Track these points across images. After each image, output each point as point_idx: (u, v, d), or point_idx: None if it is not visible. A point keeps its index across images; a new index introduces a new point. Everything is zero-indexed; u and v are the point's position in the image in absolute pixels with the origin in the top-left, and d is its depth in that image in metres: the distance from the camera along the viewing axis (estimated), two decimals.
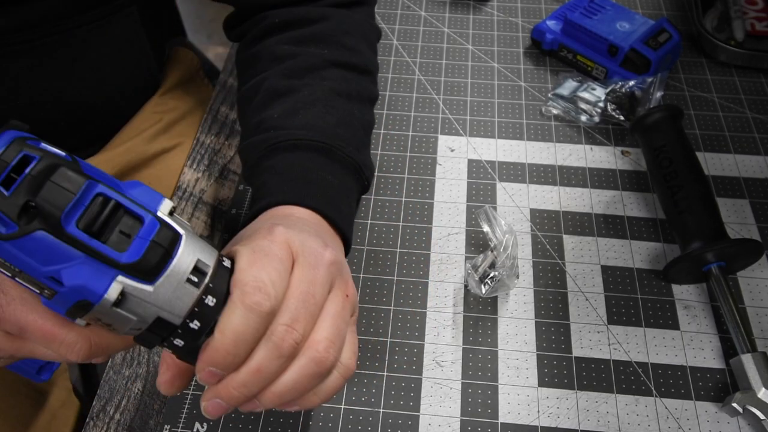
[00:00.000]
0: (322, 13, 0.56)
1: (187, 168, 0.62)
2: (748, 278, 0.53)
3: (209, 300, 0.33)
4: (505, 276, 0.49)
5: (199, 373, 0.33)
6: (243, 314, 0.32)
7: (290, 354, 0.34)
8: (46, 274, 0.29)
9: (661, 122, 0.57)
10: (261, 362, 0.34)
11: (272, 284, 0.34)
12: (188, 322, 0.32)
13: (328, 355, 0.35)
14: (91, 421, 0.47)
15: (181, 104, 0.70)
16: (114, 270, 0.30)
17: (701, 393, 0.47)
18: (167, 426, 0.46)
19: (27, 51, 0.53)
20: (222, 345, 0.32)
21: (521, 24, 0.75)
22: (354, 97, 0.53)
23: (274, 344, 0.33)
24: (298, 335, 0.34)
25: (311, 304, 0.35)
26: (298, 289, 0.35)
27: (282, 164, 0.47)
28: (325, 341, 0.35)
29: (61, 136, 0.60)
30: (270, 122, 0.50)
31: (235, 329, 0.32)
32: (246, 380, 0.34)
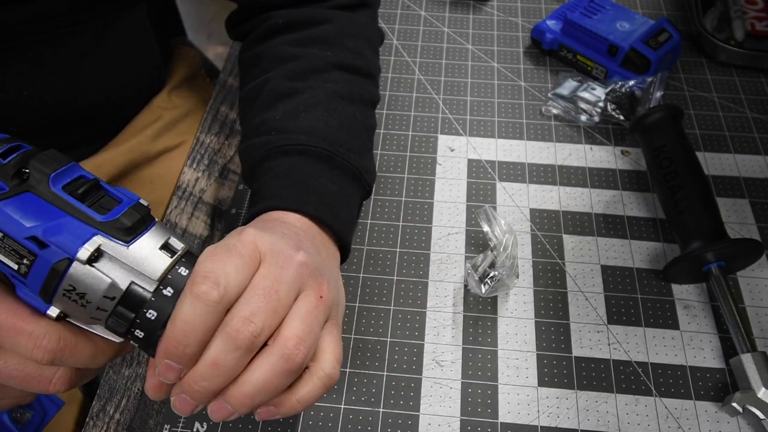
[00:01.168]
0: (326, 15, 0.56)
1: (187, 168, 0.62)
2: (748, 278, 0.53)
3: (167, 291, 0.33)
4: (505, 276, 0.49)
5: (158, 366, 0.33)
6: (190, 303, 0.32)
7: (248, 347, 0.33)
8: (29, 234, 0.31)
9: (661, 122, 0.57)
10: (217, 354, 0.33)
11: (224, 275, 0.33)
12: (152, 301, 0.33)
13: (298, 352, 0.34)
14: (90, 421, 0.47)
15: (185, 102, 0.70)
16: (93, 229, 0.32)
17: (701, 393, 0.47)
18: (167, 426, 0.46)
19: (36, 45, 0.53)
20: (171, 334, 0.32)
21: (521, 24, 0.75)
22: (356, 100, 0.53)
23: (229, 335, 0.33)
24: (256, 328, 0.33)
25: (274, 300, 0.34)
26: (260, 285, 0.35)
27: (282, 168, 0.47)
28: (294, 338, 0.34)
29: (66, 132, 0.60)
30: (272, 124, 0.50)
31: (183, 318, 0.32)
32: (204, 373, 0.33)
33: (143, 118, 0.67)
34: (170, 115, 0.68)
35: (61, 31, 0.53)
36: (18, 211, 0.32)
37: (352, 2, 0.58)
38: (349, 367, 0.49)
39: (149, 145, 0.66)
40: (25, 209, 0.32)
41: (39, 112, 0.57)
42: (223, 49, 1.86)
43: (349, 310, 0.51)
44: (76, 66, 0.57)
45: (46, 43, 0.53)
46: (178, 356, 0.33)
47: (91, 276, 0.32)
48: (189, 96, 0.71)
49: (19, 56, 0.53)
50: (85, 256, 0.31)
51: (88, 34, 0.56)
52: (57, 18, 0.52)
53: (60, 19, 0.53)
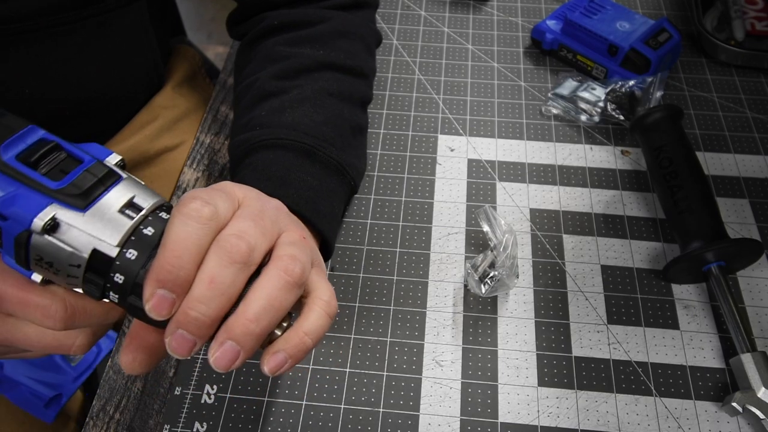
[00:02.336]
0: (321, 16, 0.56)
1: (187, 168, 0.62)
2: (748, 278, 0.53)
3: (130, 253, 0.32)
4: (504, 276, 0.49)
5: (148, 302, 0.31)
6: (181, 221, 0.31)
7: (243, 260, 0.32)
8: None
9: (661, 122, 0.57)
10: (213, 270, 0.31)
11: (212, 199, 0.32)
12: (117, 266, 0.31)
13: (294, 265, 0.33)
14: (90, 421, 0.47)
15: (185, 102, 0.70)
16: (47, 198, 0.31)
17: (701, 392, 0.47)
18: (167, 426, 0.46)
19: (35, 40, 0.53)
20: (163, 257, 0.30)
21: (521, 24, 0.75)
22: (345, 97, 0.53)
23: (224, 249, 0.31)
24: (250, 242, 0.32)
25: (261, 225, 0.34)
26: (244, 213, 0.34)
27: (261, 162, 0.47)
28: (288, 255, 0.33)
29: (65, 128, 0.60)
30: (256, 121, 0.50)
31: (174, 237, 0.31)
32: (201, 294, 0.31)
33: (143, 117, 0.67)
34: (170, 114, 0.68)
35: (60, 27, 0.54)
36: None
37: (349, 2, 0.58)
38: (349, 367, 0.49)
39: (148, 145, 0.66)
40: None
41: (38, 107, 0.57)
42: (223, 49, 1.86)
43: (349, 310, 0.51)
44: (75, 62, 0.57)
45: (45, 39, 0.53)
46: (172, 281, 0.30)
47: (52, 246, 0.31)
48: (189, 95, 0.71)
49: (18, 51, 0.53)
50: (39, 227, 0.30)
51: (88, 30, 0.56)
52: (56, 14, 0.52)
53: (59, 15, 0.53)
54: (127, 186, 0.33)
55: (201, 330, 0.31)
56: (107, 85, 0.62)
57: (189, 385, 0.48)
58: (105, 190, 0.32)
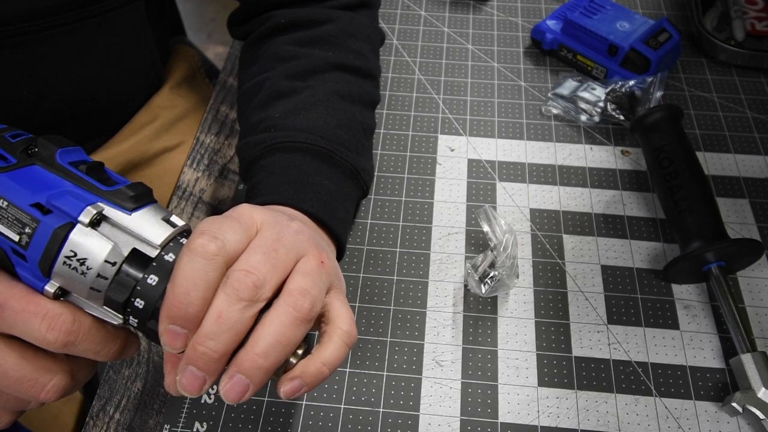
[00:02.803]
0: (328, 15, 0.56)
1: (187, 168, 0.62)
2: (748, 278, 0.53)
3: (169, 256, 0.33)
4: (505, 276, 0.49)
5: (162, 336, 0.32)
6: (188, 259, 0.32)
7: (250, 297, 0.32)
8: (33, 201, 0.32)
9: (661, 122, 0.57)
10: (220, 307, 0.32)
11: (221, 232, 0.33)
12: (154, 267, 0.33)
13: (304, 300, 0.33)
14: (90, 421, 0.47)
15: (184, 102, 0.70)
16: (96, 196, 0.33)
17: (701, 393, 0.47)
18: (167, 426, 0.46)
19: (34, 41, 0.53)
20: (172, 294, 0.31)
21: (521, 24, 0.75)
22: (356, 99, 0.53)
23: (231, 286, 0.32)
24: (258, 278, 0.32)
25: (273, 258, 0.34)
26: (258, 244, 0.34)
27: (279, 165, 0.47)
28: (298, 289, 0.34)
29: (65, 128, 0.60)
30: (270, 121, 0.50)
31: (182, 275, 0.31)
32: (209, 331, 0.31)
33: (142, 117, 0.67)
34: (169, 114, 0.68)
35: (59, 28, 0.54)
36: (23, 181, 0.33)
37: (354, 2, 0.58)
38: (349, 367, 0.49)
39: (148, 145, 0.66)
40: (30, 180, 0.33)
41: (37, 108, 0.57)
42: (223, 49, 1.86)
43: None
44: (73, 63, 0.57)
45: (44, 40, 0.53)
46: (181, 317, 0.31)
47: (94, 239, 0.32)
48: (188, 96, 0.71)
49: (17, 53, 0.53)
50: (87, 219, 0.32)
51: (86, 31, 0.56)
52: (55, 15, 0.52)
53: (58, 15, 0.53)
54: (161, 207, 0.35)
55: (209, 365, 0.32)
56: (106, 86, 0.62)
57: None
58: (148, 203, 0.35)
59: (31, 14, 0.51)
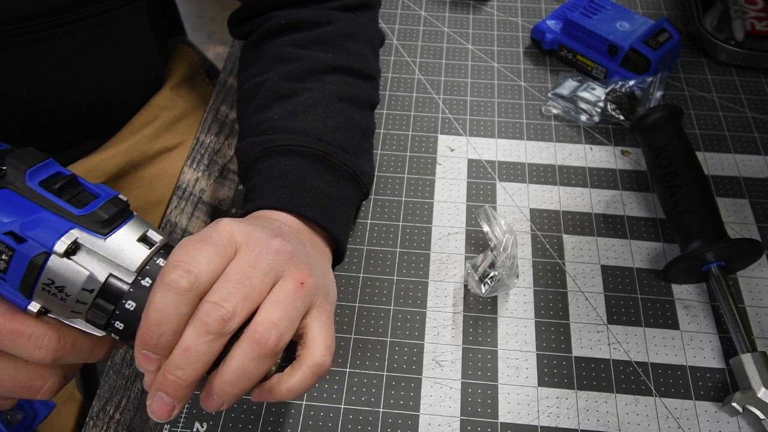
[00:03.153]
0: (328, 17, 0.56)
1: (187, 168, 0.62)
2: (748, 278, 0.53)
3: (145, 281, 0.34)
4: (504, 276, 0.49)
5: (137, 358, 0.34)
6: (161, 292, 0.33)
7: (218, 331, 0.33)
8: (6, 230, 0.32)
9: (661, 122, 0.57)
10: (189, 340, 0.33)
11: (195, 264, 0.33)
12: (131, 292, 0.33)
13: (269, 336, 0.34)
14: (90, 421, 0.47)
15: (184, 102, 0.70)
16: (70, 222, 0.33)
17: (701, 393, 0.47)
18: (167, 426, 0.46)
19: (34, 41, 0.53)
20: (145, 324, 0.33)
21: (521, 24, 0.75)
22: (355, 101, 0.53)
23: (200, 320, 0.33)
24: (226, 312, 0.33)
25: (246, 286, 0.34)
26: (232, 271, 0.35)
27: (277, 169, 0.47)
28: (265, 322, 0.34)
29: (64, 128, 0.60)
30: (269, 123, 0.50)
31: (154, 307, 0.33)
32: (178, 362, 0.33)
33: (142, 118, 0.67)
34: (169, 114, 0.68)
35: (59, 28, 0.54)
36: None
37: (354, 3, 0.58)
38: (349, 367, 0.49)
39: (147, 145, 0.66)
40: (1, 205, 0.32)
41: (36, 108, 0.57)
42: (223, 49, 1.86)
43: (349, 310, 0.51)
44: (73, 62, 0.57)
45: (43, 40, 0.53)
46: (154, 345, 0.33)
47: (70, 269, 0.32)
48: (188, 96, 0.71)
49: (16, 52, 0.53)
50: (62, 249, 0.32)
51: (86, 31, 0.56)
52: (55, 14, 0.52)
53: (58, 15, 0.53)
54: (139, 221, 0.35)
55: (178, 392, 0.34)
56: (106, 86, 0.62)
57: None
58: (123, 222, 0.34)
59: (30, 14, 0.51)
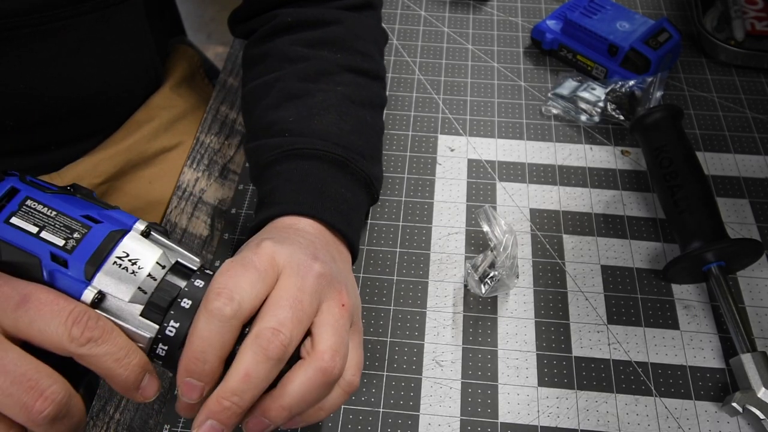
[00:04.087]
0: (335, 16, 0.56)
1: (187, 168, 0.62)
2: (748, 278, 0.53)
3: (185, 302, 0.35)
4: (504, 276, 0.49)
5: (179, 387, 0.33)
6: (205, 319, 0.33)
7: (279, 357, 0.33)
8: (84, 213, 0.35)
9: (661, 122, 0.57)
10: (248, 366, 0.33)
11: (238, 291, 0.34)
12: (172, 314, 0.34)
13: (335, 364, 0.35)
14: (90, 421, 0.47)
15: (184, 102, 0.70)
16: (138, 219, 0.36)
17: (701, 393, 0.47)
18: (167, 426, 0.46)
19: (31, 35, 0.53)
20: (189, 350, 0.33)
21: (521, 24, 0.75)
22: (366, 103, 0.53)
23: (260, 347, 0.33)
24: (285, 338, 0.34)
25: (299, 311, 0.35)
26: (283, 296, 0.35)
27: (296, 173, 0.46)
28: (329, 350, 0.35)
29: (63, 126, 0.60)
30: (284, 125, 0.49)
31: (198, 334, 0.33)
32: (236, 388, 0.33)
33: (141, 117, 0.67)
34: (168, 114, 0.68)
35: (56, 22, 0.53)
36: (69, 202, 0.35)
37: (358, 3, 0.58)
38: None
39: (147, 145, 0.66)
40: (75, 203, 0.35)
41: (35, 103, 0.57)
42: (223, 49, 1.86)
43: None
44: (71, 58, 0.57)
45: (41, 35, 0.53)
46: (198, 373, 0.33)
47: (145, 244, 0.35)
48: (188, 95, 0.71)
49: (13, 47, 0.53)
50: (141, 228, 0.35)
51: (84, 27, 0.56)
52: (52, 9, 0.52)
53: (56, 10, 0.53)
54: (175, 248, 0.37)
55: (231, 419, 0.33)
56: (104, 83, 0.62)
57: None
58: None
59: (28, 8, 0.51)
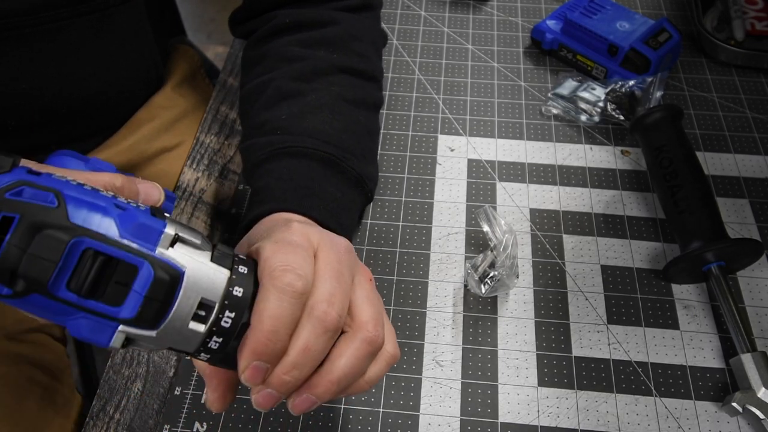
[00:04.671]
0: (333, 17, 0.56)
1: (187, 168, 0.62)
2: (748, 278, 0.53)
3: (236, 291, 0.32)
4: (504, 276, 0.49)
5: (243, 373, 0.32)
6: (277, 297, 0.32)
7: (335, 328, 0.34)
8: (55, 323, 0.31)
9: (661, 122, 0.57)
10: (308, 340, 0.33)
11: (300, 267, 0.34)
12: (209, 339, 0.32)
13: (379, 333, 0.35)
14: (90, 421, 0.47)
15: (184, 102, 0.70)
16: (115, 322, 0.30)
17: (701, 393, 0.47)
18: (167, 426, 0.46)
19: (32, 35, 0.53)
20: (262, 332, 0.32)
21: (521, 24, 0.75)
22: (361, 104, 0.53)
23: (318, 319, 0.33)
24: (340, 308, 0.34)
25: (343, 282, 0.35)
26: (327, 270, 0.35)
27: (286, 171, 0.47)
28: (372, 320, 0.36)
29: (63, 125, 0.60)
30: (276, 123, 0.49)
31: (272, 314, 0.32)
32: (296, 361, 0.33)
33: (141, 117, 0.67)
34: (169, 114, 0.68)
35: (57, 22, 0.53)
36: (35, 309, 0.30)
37: (357, 4, 0.58)
38: None
39: (146, 145, 0.66)
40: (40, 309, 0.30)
41: (35, 102, 0.57)
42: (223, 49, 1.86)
43: None
44: (72, 58, 0.57)
45: (43, 34, 0.53)
46: (269, 354, 0.32)
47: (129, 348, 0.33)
48: (188, 95, 0.71)
49: (14, 47, 0.53)
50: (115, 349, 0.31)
51: (84, 27, 0.56)
52: (53, 10, 0.52)
53: (56, 11, 0.53)
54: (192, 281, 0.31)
55: (290, 389, 0.34)
56: (104, 83, 0.62)
57: (189, 385, 0.48)
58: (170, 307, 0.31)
59: (29, 8, 0.51)
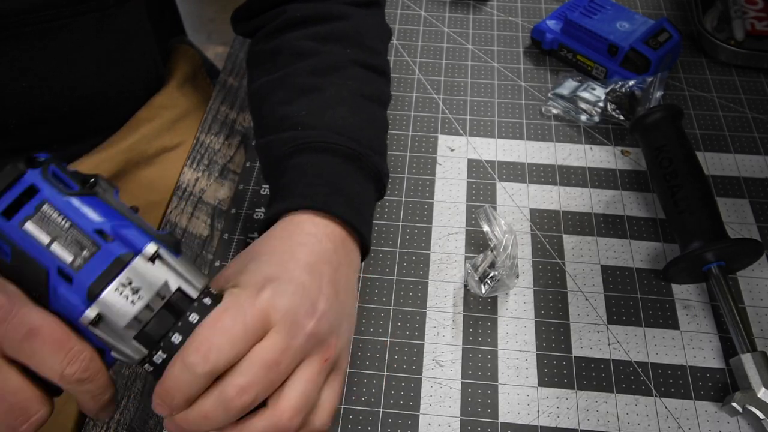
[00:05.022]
0: (343, 12, 0.56)
1: (187, 168, 0.62)
2: (748, 278, 0.53)
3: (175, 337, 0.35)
4: (504, 276, 0.49)
5: (154, 407, 0.36)
6: (179, 368, 0.34)
7: (238, 413, 0.35)
8: (97, 227, 0.34)
9: (661, 122, 0.57)
10: (208, 410, 0.35)
11: (215, 350, 0.34)
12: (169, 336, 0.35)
13: (292, 424, 0.36)
14: (90, 421, 0.47)
15: (184, 102, 0.70)
16: (151, 236, 0.35)
17: (701, 393, 0.47)
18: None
19: (33, 34, 0.53)
20: (162, 387, 0.35)
21: (521, 24, 0.75)
22: (375, 99, 0.53)
23: (223, 401, 0.35)
24: (249, 398, 0.35)
25: (273, 372, 0.35)
26: (261, 356, 0.35)
27: (312, 166, 0.46)
28: (291, 410, 0.36)
29: (64, 125, 0.60)
30: (296, 119, 0.49)
31: (171, 378, 0.34)
32: (195, 421, 0.35)
33: (142, 116, 0.67)
34: (169, 114, 0.68)
35: (58, 21, 0.53)
36: (86, 207, 0.34)
37: (365, 0, 0.58)
38: (349, 367, 0.49)
39: (147, 145, 0.66)
40: (93, 208, 0.35)
41: (36, 101, 0.57)
42: (223, 49, 1.86)
43: None
44: (73, 57, 0.57)
45: (43, 34, 0.53)
46: (168, 405, 0.35)
47: (150, 272, 0.34)
48: (188, 95, 0.71)
49: (16, 45, 0.53)
50: (150, 252, 0.34)
51: (85, 27, 0.56)
52: (53, 10, 0.52)
53: (56, 10, 0.53)
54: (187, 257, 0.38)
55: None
56: (105, 83, 0.62)
57: None
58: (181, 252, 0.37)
59: (29, 7, 0.51)
